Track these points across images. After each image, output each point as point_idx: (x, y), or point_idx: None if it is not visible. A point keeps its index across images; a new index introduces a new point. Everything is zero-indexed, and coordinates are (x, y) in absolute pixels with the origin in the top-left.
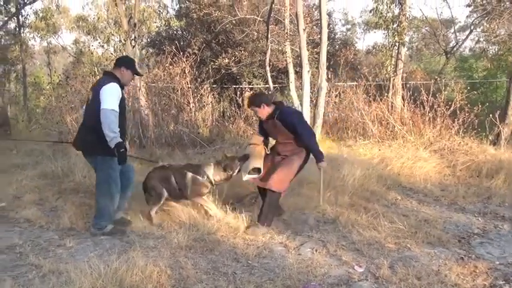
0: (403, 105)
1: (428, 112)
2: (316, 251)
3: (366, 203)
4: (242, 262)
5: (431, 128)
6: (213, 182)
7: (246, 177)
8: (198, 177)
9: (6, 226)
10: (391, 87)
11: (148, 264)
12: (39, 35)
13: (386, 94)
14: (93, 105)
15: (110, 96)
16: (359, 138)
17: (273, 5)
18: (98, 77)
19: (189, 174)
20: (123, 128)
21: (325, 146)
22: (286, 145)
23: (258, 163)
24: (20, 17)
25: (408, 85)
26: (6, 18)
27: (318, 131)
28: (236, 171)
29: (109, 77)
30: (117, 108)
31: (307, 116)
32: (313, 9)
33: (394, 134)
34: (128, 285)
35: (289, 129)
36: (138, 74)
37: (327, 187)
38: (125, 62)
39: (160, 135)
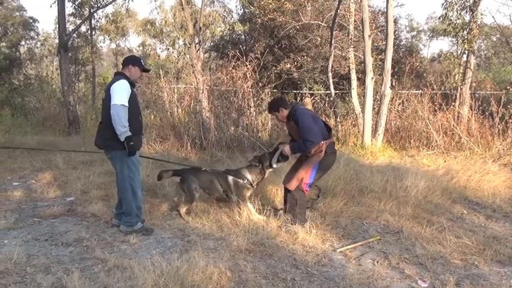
0: (471, 116)
1: (498, 124)
2: (377, 262)
3: (430, 216)
4: (301, 269)
5: (501, 141)
6: (252, 183)
7: (276, 165)
8: (239, 180)
9: (74, 220)
10: (458, 96)
11: (209, 265)
12: (108, 38)
13: (453, 104)
14: (107, 103)
15: (119, 92)
16: (422, 149)
17: (338, 11)
18: (163, 79)
19: (230, 178)
20: (139, 123)
21: (387, 155)
22: None
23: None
24: (92, 20)
25: (477, 95)
26: (79, 22)
27: (379, 139)
28: (267, 164)
29: (119, 76)
30: (126, 103)
31: (368, 124)
32: (379, 15)
33: (460, 145)
34: (189, 284)
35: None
36: (145, 70)
37: (388, 197)
38: (131, 60)
39: (221, 137)
